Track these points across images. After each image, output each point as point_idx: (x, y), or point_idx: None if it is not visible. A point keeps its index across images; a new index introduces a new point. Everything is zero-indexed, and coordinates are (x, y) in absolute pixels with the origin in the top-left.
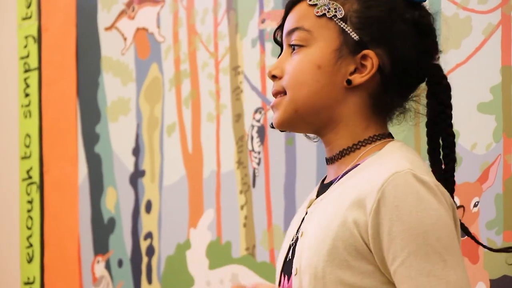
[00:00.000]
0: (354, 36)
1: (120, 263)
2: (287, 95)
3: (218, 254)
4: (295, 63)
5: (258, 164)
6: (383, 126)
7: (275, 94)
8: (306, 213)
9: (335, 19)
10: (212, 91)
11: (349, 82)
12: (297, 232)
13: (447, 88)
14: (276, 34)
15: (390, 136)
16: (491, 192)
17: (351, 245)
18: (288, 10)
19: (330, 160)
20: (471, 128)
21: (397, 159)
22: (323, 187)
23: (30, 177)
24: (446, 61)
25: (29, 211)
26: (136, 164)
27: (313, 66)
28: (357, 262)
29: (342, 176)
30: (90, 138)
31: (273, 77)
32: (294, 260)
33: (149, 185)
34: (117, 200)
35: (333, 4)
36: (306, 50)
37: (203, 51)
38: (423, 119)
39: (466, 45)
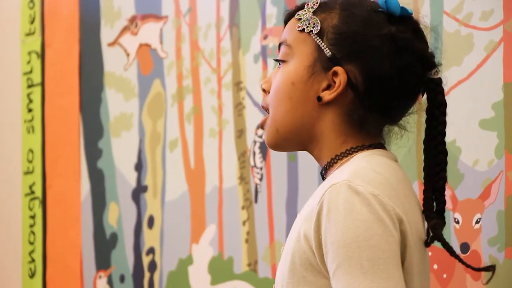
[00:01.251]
0: (327, 52)
1: (122, 279)
2: (270, 114)
3: (220, 270)
4: (276, 80)
5: (260, 179)
6: (364, 139)
7: (264, 109)
8: None
9: (311, 35)
10: (214, 106)
11: (319, 98)
12: None
13: (442, 104)
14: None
15: (372, 146)
16: (493, 209)
17: (305, 260)
18: (285, 23)
19: (321, 175)
20: (473, 144)
21: (342, 171)
22: None
23: (32, 192)
24: (448, 77)
25: (31, 226)
26: (139, 180)
27: (288, 83)
28: (314, 278)
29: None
30: (93, 154)
31: (263, 91)
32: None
33: (151, 200)
34: (120, 215)
35: (314, 19)
36: (286, 65)
37: (206, 67)
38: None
39: (468, 62)
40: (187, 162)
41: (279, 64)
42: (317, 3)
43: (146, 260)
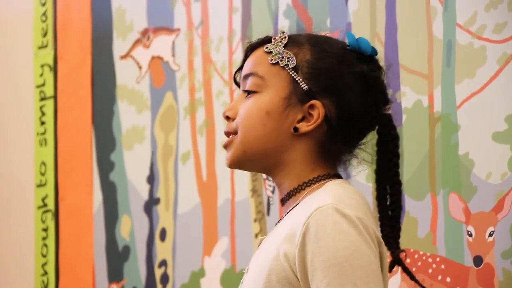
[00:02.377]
0: (304, 86)
1: None
2: (238, 136)
3: (232, 282)
4: (247, 107)
5: (273, 192)
6: (330, 167)
7: (226, 134)
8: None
9: (287, 68)
10: None
11: (296, 129)
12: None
13: (396, 138)
14: (236, 76)
15: (337, 176)
16: (506, 222)
17: (283, 278)
18: (247, 54)
19: (282, 201)
20: (486, 157)
21: (325, 196)
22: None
23: (45, 205)
24: (461, 90)
25: (44, 238)
26: (151, 192)
27: (262, 112)
28: None
29: (285, 215)
30: (105, 166)
31: (227, 118)
32: None
33: (163, 213)
34: (132, 228)
35: (287, 53)
36: (258, 96)
37: (218, 79)
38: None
39: (481, 74)
40: (199, 174)
41: (247, 94)
42: (285, 37)
43: (158, 272)
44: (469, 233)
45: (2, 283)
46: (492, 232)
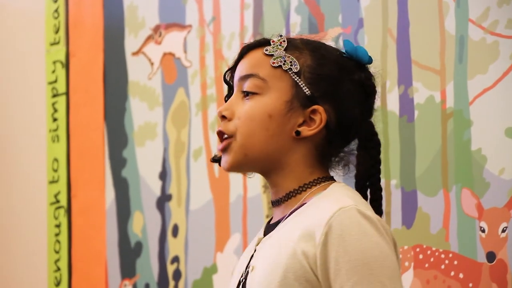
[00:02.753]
0: (306, 90)
1: (147, 287)
2: (237, 140)
3: None
4: (248, 109)
5: None
6: (326, 170)
7: (221, 134)
8: (255, 250)
9: (290, 72)
10: None
11: (297, 133)
12: (246, 268)
13: (378, 144)
14: (226, 75)
15: (332, 178)
16: None
17: (301, 276)
18: (243, 54)
19: (276, 202)
20: (499, 153)
21: (342, 197)
22: (270, 227)
23: (58, 201)
24: (473, 86)
25: (57, 235)
26: (163, 188)
27: (265, 115)
28: None
29: (289, 215)
30: (117, 163)
31: (223, 117)
32: None
33: (175, 209)
34: (144, 224)
35: (288, 57)
36: (259, 98)
37: None
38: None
39: (494, 70)
40: (212, 171)
41: (245, 95)
42: (284, 41)
43: (170, 268)
44: (482, 229)
45: (15, 279)
46: (505, 228)
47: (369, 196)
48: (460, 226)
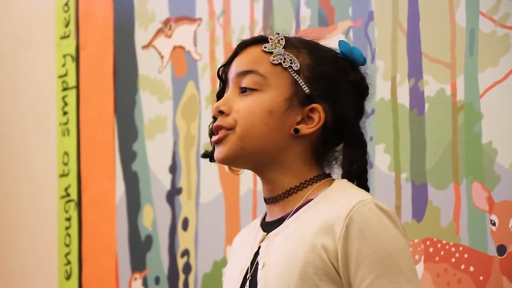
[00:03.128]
0: (306, 89)
1: (157, 281)
2: (236, 132)
3: None
4: (247, 104)
5: None
6: (321, 167)
7: (217, 129)
8: (259, 247)
9: (290, 70)
10: None
11: (296, 131)
12: (253, 265)
13: (365, 144)
14: (220, 71)
15: (330, 175)
16: None
17: (321, 270)
18: (239, 50)
19: (273, 199)
20: (510, 146)
21: (356, 191)
22: (270, 224)
23: (68, 195)
24: (484, 79)
25: (67, 228)
26: (173, 182)
27: (265, 111)
28: (327, 286)
29: (295, 211)
30: (127, 156)
31: (220, 113)
32: None
33: (185, 202)
34: (154, 217)
35: (288, 55)
36: (259, 94)
37: None
38: None
39: (504, 62)
40: (222, 164)
41: (244, 91)
42: (282, 39)
43: (181, 262)
44: (493, 222)
45: (26, 272)
46: None
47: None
48: (470, 219)
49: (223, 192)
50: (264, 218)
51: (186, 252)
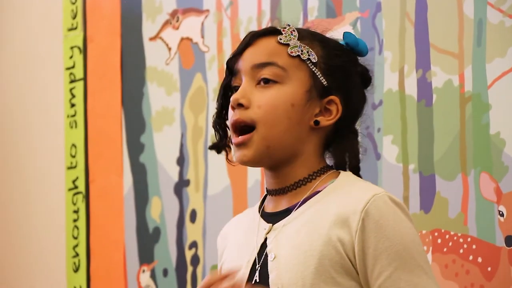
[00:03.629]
0: (323, 81)
1: (165, 273)
2: (259, 132)
3: None
4: (270, 98)
5: None
6: (325, 159)
7: (238, 123)
8: (266, 239)
9: (308, 62)
10: None
11: (317, 122)
12: (262, 256)
13: (357, 135)
14: (230, 62)
15: (332, 167)
16: None
17: (337, 263)
18: (251, 41)
19: (281, 191)
20: None
21: (366, 184)
22: (274, 215)
23: (76, 187)
24: (492, 69)
25: (75, 220)
26: (181, 174)
27: (288, 104)
28: (343, 279)
29: (302, 203)
30: (135, 148)
31: (239, 105)
32: (271, 281)
33: (193, 194)
34: (162, 209)
35: (304, 47)
36: (279, 87)
37: None
38: None
39: None
40: (229, 156)
41: (262, 82)
42: (294, 30)
43: (189, 254)
44: (501, 213)
45: (34, 265)
46: None
47: None
48: (478, 210)
49: (231, 184)
50: (262, 209)
51: (194, 244)
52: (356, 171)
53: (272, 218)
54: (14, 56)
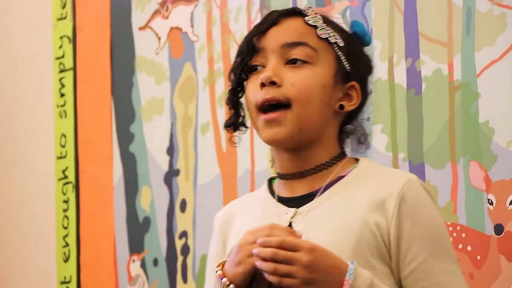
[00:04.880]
0: (347, 66)
1: (155, 262)
2: (294, 110)
3: None
4: (303, 77)
5: None
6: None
7: (271, 100)
8: (290, 224)
9: (334, 46)
10: None
11: (342, 107)
12: None
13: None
14: (253, 39)
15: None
16: None
17: (373, 246)
18: (277, 20)
19: (300, 174)
20: (506, 125)
21: (394, 169)
22: (294, 200)
23: (66, 177)
24: (481, 58)
25: (65, 210)
26: (171, 163)
27: (320, 85)
28: (377, 263)
29: (326, 188)
30: (125, 138)
31: (271, 83)
32: None
33: (183, 184)
34: (152, 199)
35: (331, 31)
36: (311, 67)
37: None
38: None
39: (501, 42)
40: (219, 145)
41: (292, 62)
42: (316, 13)
43: (179, 243)
44: (490, 201)
45: (24, 255)
46: None
47: None
48: (468, 199)
49: (220, 173)
50: (272, 193)
51: (184, 234)
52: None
53: (291, 203)
54: (3, 46)
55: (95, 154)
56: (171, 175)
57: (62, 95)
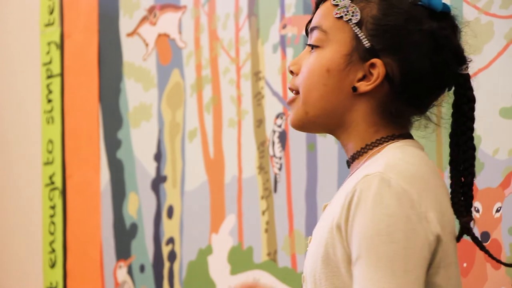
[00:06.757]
0: (366, 43)
1: (142, 268)
2: (299, 97)
3: (240, 260)
4: (308, 63)
5: (280, 169)
6: (396, 128)
7: (290, 89)
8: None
9: (350, 23)
10: (233, 96)
11: (354, 89)
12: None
13: (471, 100)
14: (307, 27)
15: (402, 136)
16: None
17: (339, 250)
18: (318, 5)
19: (347, 163)
20: (493, 133)
21: (379, 161)
22: None
23: (52, 183)
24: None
25: (51, 216)
26: (158, 170)
27: (323, 69)
28: (348, 266)
29: (346, 180)
30: (112, 144)
31: (291, 72)
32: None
33: (170, 190)
34: (139, 205)
35: (352, 7)
36: (320, 51)
37: (225, 57)
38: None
39: (488, 50)
40: (207, 152)
41: (312, 48)
42: None
43: (166, 250)
44: (476, 209)
45: (10, 260)
46: (499, 208)
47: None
48: None
49: (208, 180)
50: None
51: (171, 240)
52: (465, 142)
53: None
54: None
55: (82, 160)
56: (158, 181)
57: (50, 101)
